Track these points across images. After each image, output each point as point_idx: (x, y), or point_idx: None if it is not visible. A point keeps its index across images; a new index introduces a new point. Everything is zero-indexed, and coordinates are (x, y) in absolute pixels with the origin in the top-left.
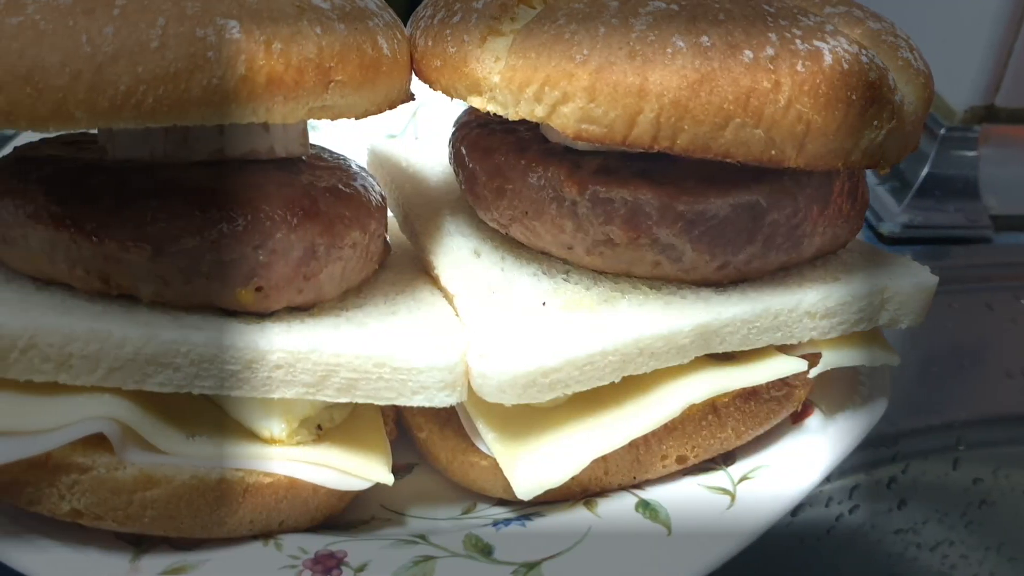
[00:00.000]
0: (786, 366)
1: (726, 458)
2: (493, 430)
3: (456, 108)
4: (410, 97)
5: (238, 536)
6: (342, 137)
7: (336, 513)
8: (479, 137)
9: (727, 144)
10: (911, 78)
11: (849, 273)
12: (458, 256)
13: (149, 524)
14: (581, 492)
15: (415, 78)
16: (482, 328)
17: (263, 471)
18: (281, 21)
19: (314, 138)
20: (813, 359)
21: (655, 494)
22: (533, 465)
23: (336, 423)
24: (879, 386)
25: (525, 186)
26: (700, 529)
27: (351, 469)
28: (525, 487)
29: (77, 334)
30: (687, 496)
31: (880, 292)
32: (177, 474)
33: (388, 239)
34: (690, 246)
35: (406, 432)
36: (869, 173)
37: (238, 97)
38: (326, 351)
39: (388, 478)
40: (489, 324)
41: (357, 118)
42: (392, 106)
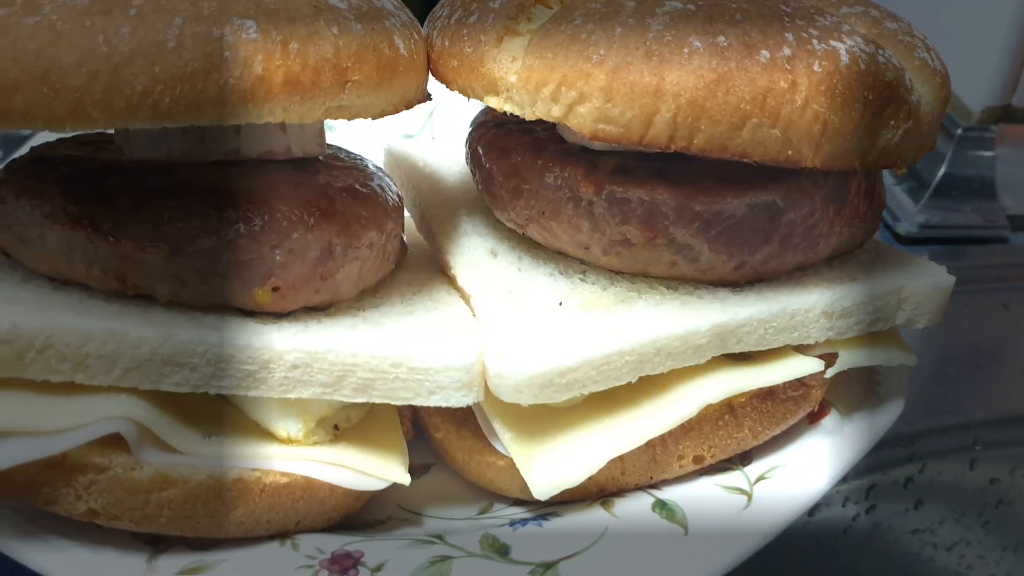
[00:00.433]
0: (803, 366)
1: (743, 458)
2: (510, 430)
3: (473, 108)
4: (427, 97)
5: (255, 536)
6: (359, 137)
7: (353, 513)
8: (496, 137)
9: (744, 144)
10: (928, 78)
11: (866, 273)
12: (475, 256)
13: (166, 524)
14: (598, 492)
15: (432, 78)
16: (499, 328)
17: (280, 471)
18: (298, 21)
19: (331, 138)
20: (830, 359)
21: (672, 494)
22: (550, 465)
23: (353, 423)
24: (896, 386)
25: (542, 186)
26: (717, 529)
27: (368, 469)
28: (542, 487)
29: (94, 334)
30: (704, 496)
31: (897, 292)
32: (194, 474)
33: (405, 239)
34: (707, 246)
35: (423, 432)
36: (886, 173)
37: (255, 97)
38: (343, 351)
39: (405, 478)
40: (506, 324)
41: (374, 118)
42: (409, 106)
